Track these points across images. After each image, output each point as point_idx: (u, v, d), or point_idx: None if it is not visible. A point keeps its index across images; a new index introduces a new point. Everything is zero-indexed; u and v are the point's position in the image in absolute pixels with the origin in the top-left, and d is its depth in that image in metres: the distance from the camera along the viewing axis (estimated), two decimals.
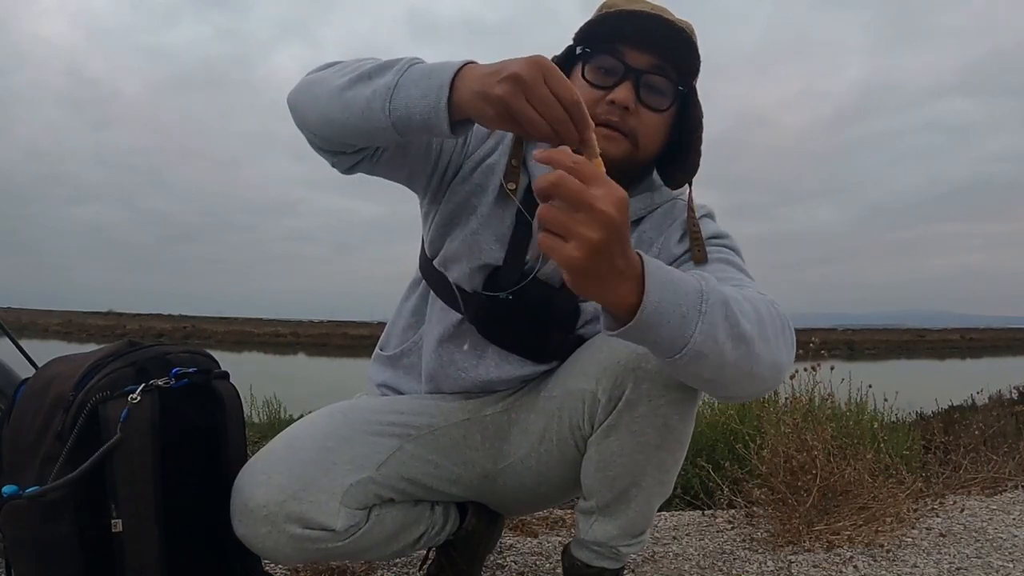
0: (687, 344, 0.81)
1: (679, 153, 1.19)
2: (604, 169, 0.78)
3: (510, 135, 1.20)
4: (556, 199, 0.72)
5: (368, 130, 0.97)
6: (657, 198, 1.21)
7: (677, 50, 1.11)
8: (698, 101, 1.16)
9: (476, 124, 1.20)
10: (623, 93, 1.08)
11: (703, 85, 1.17)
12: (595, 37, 1.13)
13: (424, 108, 0.89)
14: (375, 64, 0.97)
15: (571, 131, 0.80)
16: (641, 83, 1.10)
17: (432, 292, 1.25)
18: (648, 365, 1.07)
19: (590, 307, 1.19)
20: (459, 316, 1.20)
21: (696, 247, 1.14)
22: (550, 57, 1.17)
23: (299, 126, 1.07)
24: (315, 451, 1.10)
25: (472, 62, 0.88)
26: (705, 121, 1.17)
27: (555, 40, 1.35)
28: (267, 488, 1.05)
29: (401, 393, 1.28)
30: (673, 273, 0.82)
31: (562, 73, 0.81)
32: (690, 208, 1.17)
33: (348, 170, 1.12)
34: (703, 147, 1.18)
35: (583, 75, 1.12)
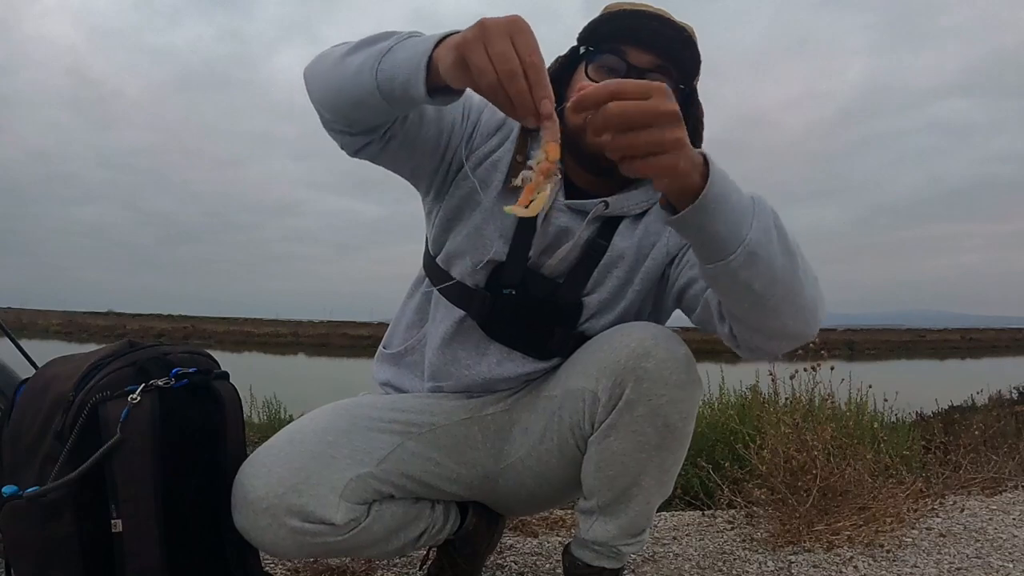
0: (743, 240, 0.86)
1: None
2: (558, 154, 0.80)
3: (516, 131, 1.20)
4: (622, 127, 0.76)
5: (360, 96, 0.96)
6: (655, 192, 1.22)
7: (679, 50, 1.12)
8: (699, 101, 1.18)
9: (484, 116, 1.20)
10: None
11: (705, 85, 1.18)
12: (598, 36, 1.14)
13: (407, 70, 0.89)
14: (380, 33, 0.98)
15: (521, 88, 0.77)
16: None
17: (436, 290, 1.25)
18: (648, 365, 1.07)
19: (593, 301, 1.19)
20: (462, 313, 1.20)
21: None
22: (555, 57, 1.17)
23: (312, 101, 1.07)
24: (316, 445, 1.11)
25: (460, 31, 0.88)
26: (706, 122, 1.18)
27: (556, 40, 1.35)
28: (267, 481, 1.05)
29: (403, 391, 1.29)
30: (727, 173, 0.87)
31: (534, 38, 0.79)
32: None
33: (355, 152, 1.11)
34: (703, 146, 1.18)
35: (586, 73, 1.13)
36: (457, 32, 0.85)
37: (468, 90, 0.86)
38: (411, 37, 0.94)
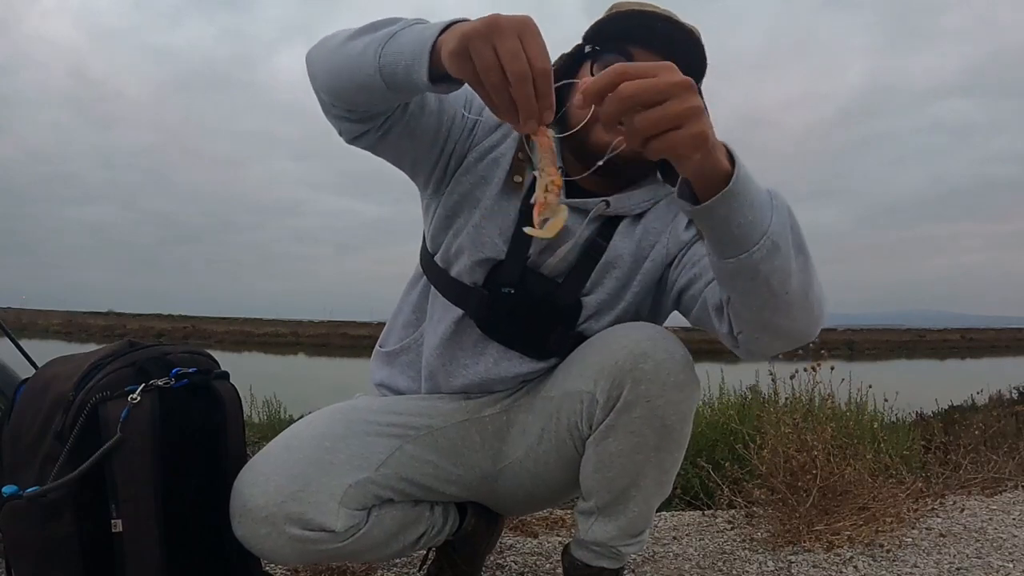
0: (766, 231, 0.84)
1: None
2: (560, 179, 0.81)
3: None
4: (638, 105, 0.73)
5: (360, 80, 0.95)
6: (661, 191, 1.22)
7: (684, 50, 1.11)
8: (705, 102, 1.16)
9: (486, 111, 1.20)
10: None
11: (706, 85, 1.17)
12: (604, 36, 1.13)
13: (409, 55, 0.88)
14: (385, 19, 0.97)
15: (529, 93, 0.75)
16: None
17: (433, 288, 1.24)
18: (646, 366, 1.07)
19: (592, 302, 1.19)
20: (460, 312, 1.20)
21: (700, 237, 1.14)
22: (559, 55, 1.17)
23: (312, 84, 1.06)
24: (314, 451, 1.10)
25: (468, 19, 0.86)
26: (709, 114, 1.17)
27: (557, 41, 1.35)
28: (266, 489, 1.04)
29: (398, 391, 1.28)
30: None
31: (544, 43, 0.77)
32: None
33: (353, 140, 1.10)
34: None
35: (591, 73, 1.13)
36: (465, 20, 0.83)
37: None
38: (417, 23, 0.92)
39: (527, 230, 0.83)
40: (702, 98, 1.15)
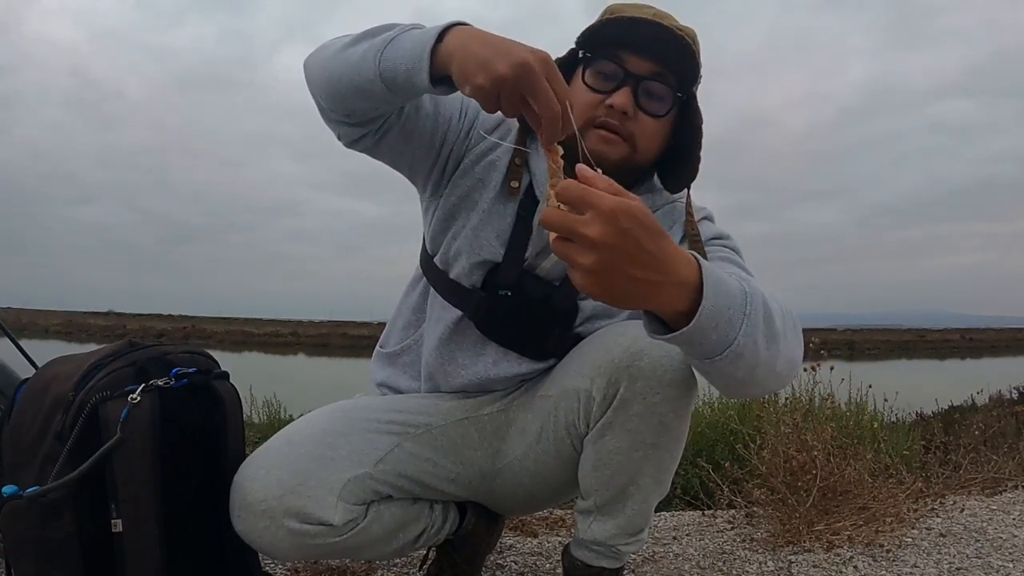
0: (729, 346, 0.79)
1: (678, 159, 1.19)
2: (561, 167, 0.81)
3: (515, 131, 1.20)
4: (562, 200, 0.68)
5: (360, 84, 0.98)
6: (657, 200, 1.22)
7: (677, 57, 1.11)
8: (698, 108, 1.17)
9: (482, 113, 1.20)
10: (622, 98, 1.09)
11: (706, 85, 1.18)
12: (597, 41, 1.13)
13: (410, 58, 0.91)
14: (382, 25, 0.99)
15: (557, 129, 0.82)
16: (640, 89, 1.10)
17: (432, 289, 1.25)
18: (642, 363, 1.07)
19: (588, 304, 1.19)
20: (459, 313, 1.20)
21: (696, 249, 1.14)
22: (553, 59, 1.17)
23: (310, 91, 1.08)
24: (314, 447, 1.10)
25: (465, 23, 0.90)
26: (708, 122, 1.17)
27: (557, 40, 1.35)
28: (265, 483, 1.05)
29: (399, 391, 1.29)
30: (722, 277, 0.79)
31: (561, 76, 0.83)
32: (688, 211, 1.18)
33: (351, 144, 1.12)
34: (703, 153, 1.18)
35: (584, 79, 1.13)
36: (464, 24, 0.88)
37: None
38: (414, 28, 0.95)
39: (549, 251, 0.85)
40: (697, 109, 1.15)
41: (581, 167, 0.70)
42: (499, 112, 0.85)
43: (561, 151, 0.83)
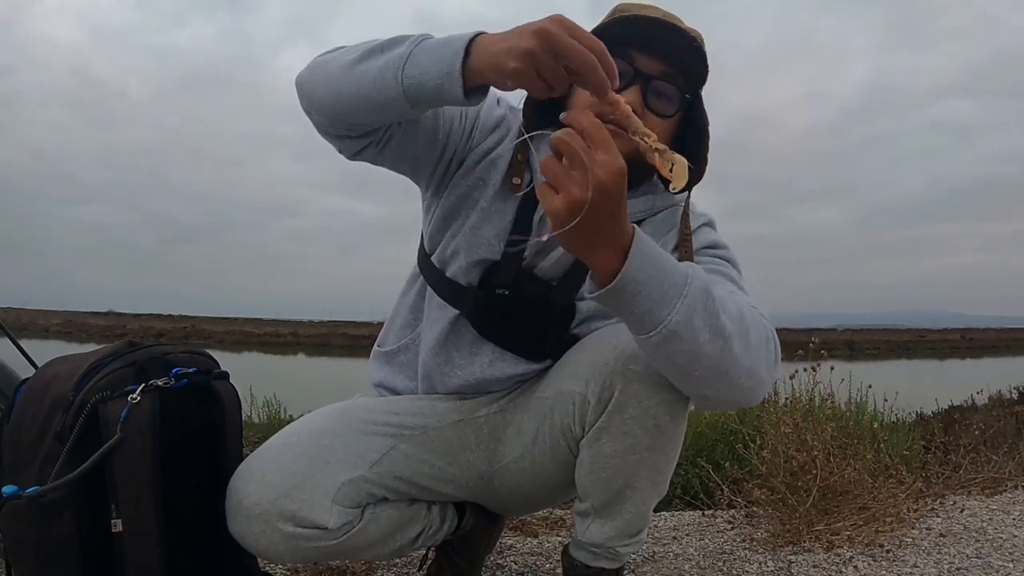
0: (662, 322, 0.86)
1: None
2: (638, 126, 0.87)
3: (514, 130, 1.20)
4: (556, 150, 0.79)
5: (380, 102, 0.96)
6: (659, 202, 1.21)
7: (686, 58, 1.11)
8: (704, 110, 1.16)
9: (483, 113, 1.20)
10: (631, 97, 1.08)
11: (708, 85, 1.17)
12: (606, 40, 1.13)
13: (438, 74, 0.90)
14: (387, 39, 0.98)
15: (603, 77, 0.82)
16: (649, 88, 1.10)
17: (430, 288, 1.25)
18: (636, 367, 1.07)
19: (585, 306, 1.19)
20: (455, 312, 1.20)
21: (684, 251, 1.15)
22: None
23: (306, 108, 1.07)
24: (309, 449, 1.10)
25: (484, 32, 0.90)
26: (709, 121, 1.17)
27: None
28: (261, 486, 1.05)
29: (396, 391, 1.29)
30: (662, 255, 0.88)
31: (583, 27, 0.83)
32: (684, 213, 1.18)
33: (354, 155, 1.11)
34: (709, 154, 1.18)
35: None
36: (484, 33, 0.89)
37: None
38: (425, 39, 0.94)
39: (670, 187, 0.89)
40: (703, 111, 1.15)
41: (568, 116, 0.81)
42: (547, 94, 0.85)
43: (622, 101, 0.86)
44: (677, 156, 0.89)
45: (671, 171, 0.88)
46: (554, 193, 0.80)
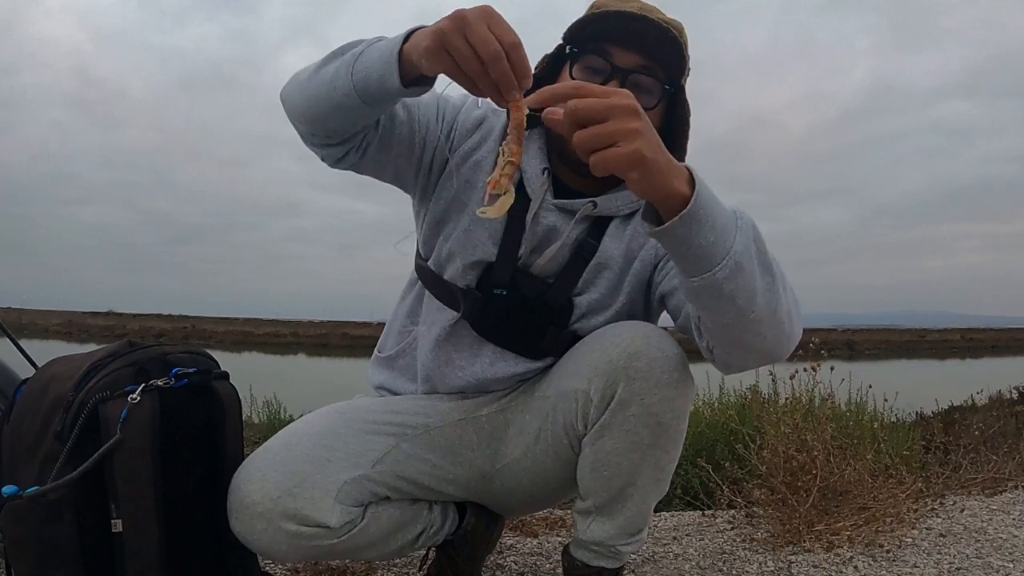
0: (729, 252, 0.85)
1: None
2: (520, 157, 0.85)
3: (497, 130, 1.20)
4: (580, 121, 0.77)
5: (338, 101, 0.99)
6: None
7: (664, 50, 1.11)
8: (686, 100, 1.17)
9: (460, 116, 1.20)
10: None
11: (708, 86, 1.17)
12: (583, 36, 1.14)
13: (380, 65, 0.92)
14: (348, 43, 1.01)
15: (505, 69, 0.80)
16: (627, 82, 1.10)
17: (427, 292, 1.25)
18: (640, 364, 1.07)
19: (583, 301, 1.19)
20: (454, 314, 1.21)
21: None
22: (541, 56, 1.18)
23: (290, 118, 1.09)
24: (311, 448, 1.11)
25: (425, 25, 0.91)
26: (710, 121, 1.20)
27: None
28: (263, 485, 1.05)
29: (397, 393, 1.29)
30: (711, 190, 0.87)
31: (507, 22, 0.82)
32: None
33: (336, 163, 1.12)
34: (701, 146, 1.18)
35: (571, 74, 1.13)
36: (423, 27, 0.88)
37: (442, 94, 0.88)
38: (379, 40, 0.97)
39: (479, 211, 0.88)
40: (685, 101, 1.15)
41: (546, 95, 0.80)
42: (467, 83, 0.83)
43: (526, 110, 0.84)
44: (511, 190, 0.87)
45: (496, 195, 0.86)
46: (608, 150, 0.77)
